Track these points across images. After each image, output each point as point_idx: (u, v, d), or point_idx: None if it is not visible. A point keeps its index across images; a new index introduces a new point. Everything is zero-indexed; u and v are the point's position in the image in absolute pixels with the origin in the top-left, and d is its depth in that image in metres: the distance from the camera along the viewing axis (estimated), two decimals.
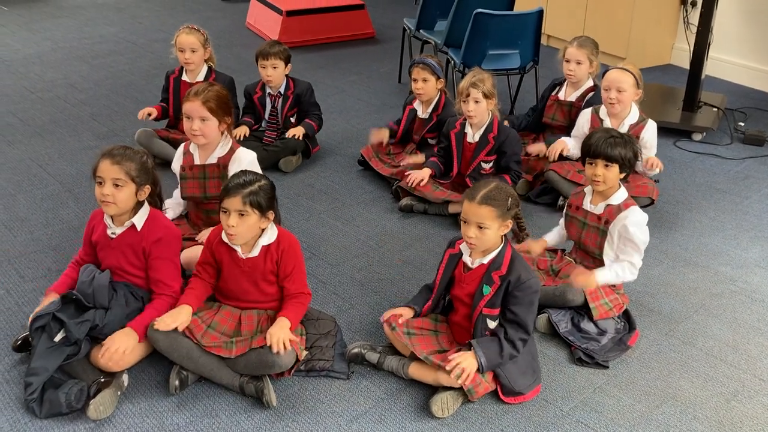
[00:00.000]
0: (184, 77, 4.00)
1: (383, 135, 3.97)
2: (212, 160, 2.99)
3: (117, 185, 2.41)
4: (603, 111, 3.57)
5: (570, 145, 3.67)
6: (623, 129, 3.47)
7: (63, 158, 4.13)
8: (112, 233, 2.52)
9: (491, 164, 3.47)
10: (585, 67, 3.81)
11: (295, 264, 2.50)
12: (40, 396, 2.27)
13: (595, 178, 2.70)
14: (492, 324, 2.38)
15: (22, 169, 3.96)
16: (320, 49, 6.18)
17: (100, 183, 2.42)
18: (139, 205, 2.51)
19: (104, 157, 2.44)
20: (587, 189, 2.82)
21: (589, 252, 2.83)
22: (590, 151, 2.70)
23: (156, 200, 2.60)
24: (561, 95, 3.92)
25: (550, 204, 3.67)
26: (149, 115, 3.99)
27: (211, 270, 2.55)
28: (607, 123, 3.52)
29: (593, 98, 3.79)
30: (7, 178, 3.88)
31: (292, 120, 4.05)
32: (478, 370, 2.31)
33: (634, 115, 3.51)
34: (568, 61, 3.83)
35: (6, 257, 3.15)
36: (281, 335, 2.33)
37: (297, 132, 3.95)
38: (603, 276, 2.71)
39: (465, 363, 2.29)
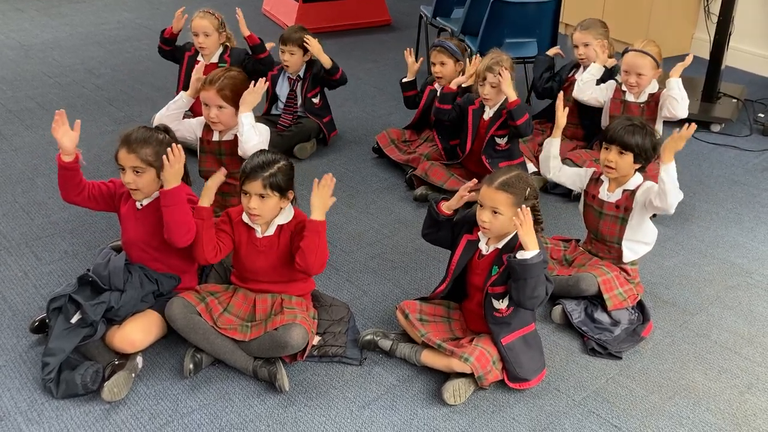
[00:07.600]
0: (199, 57, 3.99)
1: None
2: (229, 137, 3.02)
3: (137, 172, 2.43)
4: None
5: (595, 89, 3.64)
6: (643, 97, 3.49)
7: (80, 143, 4.07)
8: (140, 204, 2.54)
9: (506, 140, 3.43)
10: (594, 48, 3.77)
11: None
12: (57, 377, 2.30)
13: (607, 163, 2.68)
14: (497, 304, 2.34)
15: (39, 153, 3.99)
16: (336, 36, 6.16)
17: (123, 170, 2.46)
18: None
19: (121, 146, 2.46)
20: (604, 177, 2.79)
21: (606, 242, 2.81)
22: (607, 136, 2.69)
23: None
24: (578, 76, 3.89)
25: (565, 194, 3.64)
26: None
27: (224, 235, 2.50)
28: (630, 92, 3.53)
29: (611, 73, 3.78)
30: (25, 162, 3.91)
31: (314, 100, 4.03)
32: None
33: (654, 86, 3.51)
34: (576, 46, 3.83)
35: (24, 240, 3.19)
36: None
37: (318, 52, 3.82)
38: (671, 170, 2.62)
39: (527, 228, 2.23)
